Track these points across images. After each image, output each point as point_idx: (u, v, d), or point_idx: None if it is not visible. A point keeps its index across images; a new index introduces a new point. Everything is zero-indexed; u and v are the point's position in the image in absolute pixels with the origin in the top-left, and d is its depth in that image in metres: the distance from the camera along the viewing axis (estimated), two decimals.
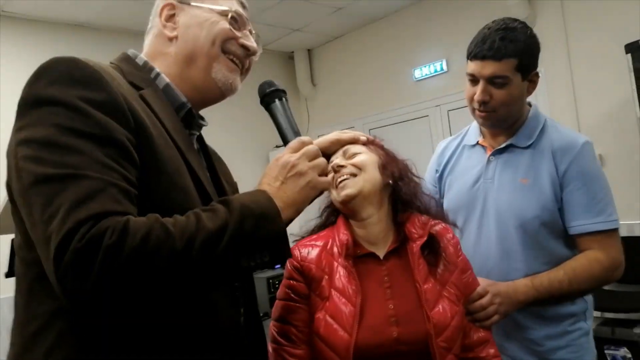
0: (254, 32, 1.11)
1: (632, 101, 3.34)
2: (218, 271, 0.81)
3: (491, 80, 1.48)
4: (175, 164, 0.88)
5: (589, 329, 1.60)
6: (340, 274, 1.20)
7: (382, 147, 1.35)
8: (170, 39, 1.03)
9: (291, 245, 1.31)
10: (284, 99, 1.08)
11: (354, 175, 1.24)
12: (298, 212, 0.92)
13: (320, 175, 0.95)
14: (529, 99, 1.64)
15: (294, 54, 6.07)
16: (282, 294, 1.26)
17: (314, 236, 1.31)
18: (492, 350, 1.29)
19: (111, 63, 0.98)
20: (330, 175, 1.24)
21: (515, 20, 1.53)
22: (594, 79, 3.83)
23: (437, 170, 1.80)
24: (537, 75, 1.56)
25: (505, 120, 1.56)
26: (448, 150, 1.80)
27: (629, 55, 3.33)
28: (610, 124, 3.71)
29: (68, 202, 0.72)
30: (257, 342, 1.04)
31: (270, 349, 1.23)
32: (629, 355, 1.45)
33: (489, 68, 1.47)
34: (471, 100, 1.56)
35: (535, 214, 1.49)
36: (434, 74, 4.93)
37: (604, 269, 1.48)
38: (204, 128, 1.12)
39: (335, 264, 1.22)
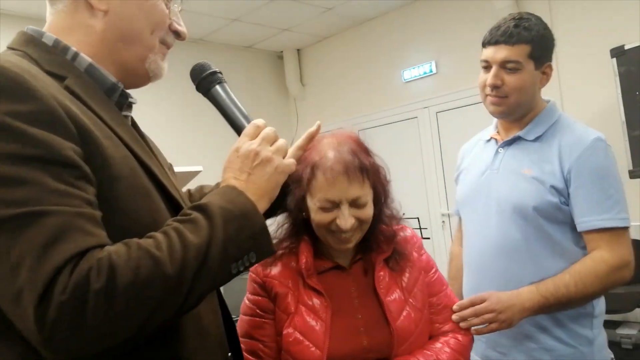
0: (180, 7, 0.97)
1: (617, 105, 3.38)
2: (212, 285, 0.76)
3: (503, 65, 1.50)
4: (128, 164, 0.79)
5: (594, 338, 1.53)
6: (308, 290, 1.19)
7: (372, 163, 1.20)
8: (97, 12, 0.85)
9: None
10: (223, 82, 0.97)
11: (358, 231, 1.18)
12: (271, 200, 0.86)
13: (283, 157, 0.88)
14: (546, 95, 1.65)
15: (283, 54, 6.06)
16: (247, 309, 1.23)
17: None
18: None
19: (11, 49, 0.82)
20: (328, 217, 1.14)
21: (532, 14, 1.58)
22: (579, 83, 3.88)
23: (457, 171, 1.83)
24: (550, 68, 1.56)
25: (516, 108, 1.55)
26: (466, 150, 1.84)
27: (614, 59, 3.38)
28: (596, 127, 3.74)
29: (34, 247, 0.62)
30: (233, 341, 1.01)
31: None
32: (612, 356, 1.47)
33: (501, 52, 1.50)
34: (483, 86, 1.56)
35: (534, 204, 1.47)
36: (423, 75, 4.95)
37: (610, 269, 1.42)
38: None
39: (300, 280, 1.20)
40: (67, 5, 0.86)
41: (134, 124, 0.98)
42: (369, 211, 1.17)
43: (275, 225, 1.30)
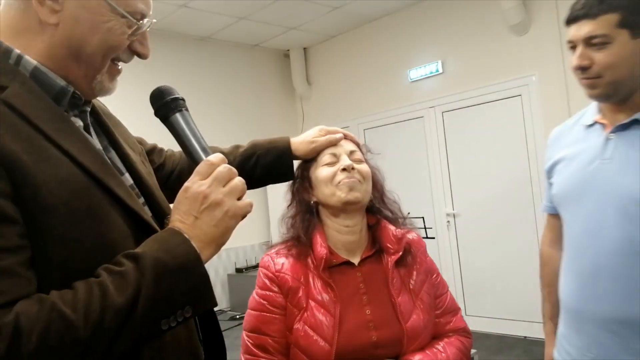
0: (151, 21, 0.86)
1: None
2: (137, 342, 0.71)
3: (589, 42, 1.29)
4: (69, 187, 0.72)
5: None
6: (317, 285, 1.21)
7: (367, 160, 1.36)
8: (46, 24, 0.78)
9: (262, 255, 1.31)
10: (184, 109, 0.88)
11: (360, 182, 1.25)
12: (219, 247, 0.79)
13: (238, 198, 0.80)
14: None
15: (289, 52, 6.06)
16: (257, 304, 1.24)
17: (284, 246, 1.30)
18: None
19: None
20: (332, 170, 1.26)
21: None
22: None
23: (548, 162, 1.55)
24: None
25: (617, 88, 1.32)
26: (561, 136, 1.55)
27: None
28: None
29: None
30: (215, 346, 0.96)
31: (242, 359, 1.23)
32: None
33: (584, 28, 1.29)
34: (575, 70, 1.35)
35: None
36: (430, 75, 4.94)
37: None
38: None
39: (311, 274, 1.23)
40: (16, 4, 0.79)
41: (96, 115, 0.92)
42: (366, 167, 1.29)
43: (284, 219, 1.33)
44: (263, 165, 1.27)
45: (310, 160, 1.32)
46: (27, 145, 0.70)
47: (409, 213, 1.38)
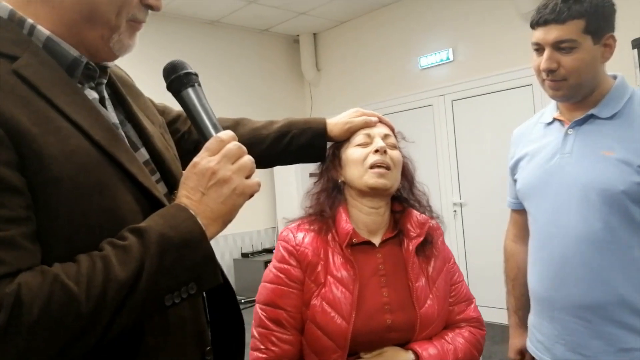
0: None
1: None
2: (139, 318, 0.70)
3: (557, 46, 1.35)
4: (78, 160, 0.71)
5: None
6: (337, 262, 1.20)
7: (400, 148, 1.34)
8: None
9: (281, 228, 1.32)
10: (197, 84, 0.88)
11: (389, 168, 1.24)
12: (225, 225, 0.78)
13: (247, 177, 0.79)
14: (612, 70, 1.48)
15: (299, 38, 6.03)
16: (274, 277, 1.23)
17: (305, 220, 1.29)
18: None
19: None
20: (364, 151, 1.24)
21: None
22: None
23: (512, 159, 1.64)
24: (612, 38, 1.39)
25: (578, 90, 1.40)
26: (523, 135, 1.64)
27: (635, 50, 3.31)
28: None
29: None
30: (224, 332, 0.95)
31: (255, 333, 1.22)
32: None
33: (552, 33, 1.35)
34: (538, 71, 1.42)
35: (622, 187, 1.30)
36: (440, 63, 4.90)
37: None
38: None
39: (330, 250, 1.22)
40: None
41: (114, 87, 0.90)
42: (397, 154, 1.28)
43: (309, 194, 1.33)
44: (297, 144, 1.26)
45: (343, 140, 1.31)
46: (35, 116, 0.69)
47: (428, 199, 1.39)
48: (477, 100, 4.68)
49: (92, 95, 0.82)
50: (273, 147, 1.25)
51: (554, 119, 1.51)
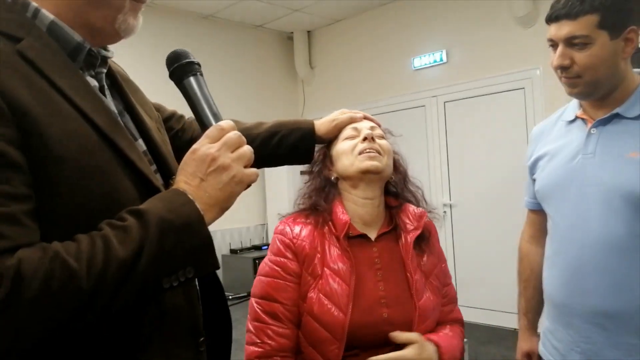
0: None
1: None
2: (137, 299, 0.71)
3: (569, 42, 1.30)
4: (79, 142, 0.72)
5: None
6: (333, 254, 1.20)
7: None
8: None
9: (277, 221, 1.32)
10: (199, 73, 0.89)
11: (380, 154, 1.25)
12: (222, 211, 0.79)
13: (246, 166, 0.80)
14: None
15: (293, 35, 6.01)
16: (270, 270, 1.22)
17: (301, 214, 1.30)
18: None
19: None
20: (353, 142, 1.27)
21: None
22: None
23: (530, 158, 1.56)
24: (635, 32, 1.31)
25: (596, 87, 1.34)
26: (543, 133, 1.57)
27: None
28: None
29: None
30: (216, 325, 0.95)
31: (251, 327, 1.21)
32: None
33: (564, 29, 1.30)
34: (555, 68, 1.37)
35: None
36: (433, 64, 4.91)
37: None
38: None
39: (327, 243, 1.22)
40: None
41: (113, 78, 0.91)
42: (386, 143, 1.30)
43: (302, 193, 1.34)
44: (286, 144, 1.28)
45: (331, 139, 1.33)
46: (39, 96, 0.70)
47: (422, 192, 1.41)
48: (470, 102, 4.69)
49: (93, 82, 0.82)
50: (263, 146, 1.26)
51: (576, 117, 1.44)
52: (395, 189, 1.33)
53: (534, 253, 1.59)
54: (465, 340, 1.35)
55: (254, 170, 0.82)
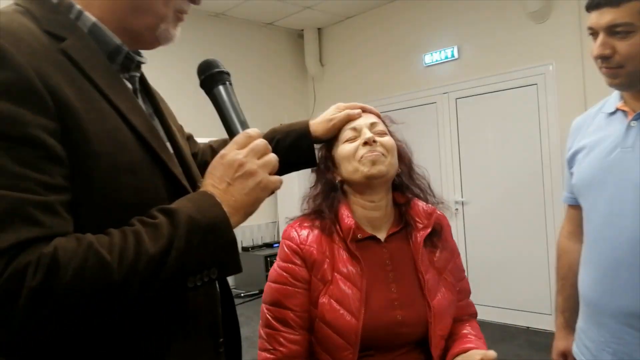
0: None
1: None
2: (162, 294, 0.72)
3: (611, 31, 1.24)
4: (116, 138, 0.75)
5: None
6: (343, 258, 1.19)
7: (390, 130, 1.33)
8: None
9: (284, 225, 1.31)
10: (228, 83, 0.93)
11: (383, 155, 1.22)
12: (246, 216, 0.81)
13: (270, 173, 0.83)
14: None
15: (303, 32, 6.00)
16: (279, 277, 1.21)
17: (308, 218, 1.27)
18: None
19: (16, 4, 0.79)
20: (353, 145, 1.23)
21: None
22: None
23: (569, 151, 1.51)
24: None
25: (638, 77, 1.28)
26: (582, 125, 1.50)
27: None
28: None
29: None
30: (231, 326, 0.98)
31: (262, 333, 1.21)
32: None
33: (606, 16, 1.24)
34: (595, 57, 1.31)
35: None
36: (445, 60, 4.88)
37: None
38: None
39: (336, 247, 1.20)
40: None
41: (144, 84, 0.94)
42: (389, 140, 1.25)
43: (307, 198, 1.32)
44: (283, 148, 1.26)
45: (331, 140, 1.29)
46: (80, 93, 0.72)
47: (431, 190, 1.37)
48: (481, 99, 4.66)
49: (127, 84, 0.86)
50: None
51: (617, 109, 1.37)
52: (401, 180, 1.29)
53: (573, 250, 1.54)
54: None
55: (278, 177, 0.84)
